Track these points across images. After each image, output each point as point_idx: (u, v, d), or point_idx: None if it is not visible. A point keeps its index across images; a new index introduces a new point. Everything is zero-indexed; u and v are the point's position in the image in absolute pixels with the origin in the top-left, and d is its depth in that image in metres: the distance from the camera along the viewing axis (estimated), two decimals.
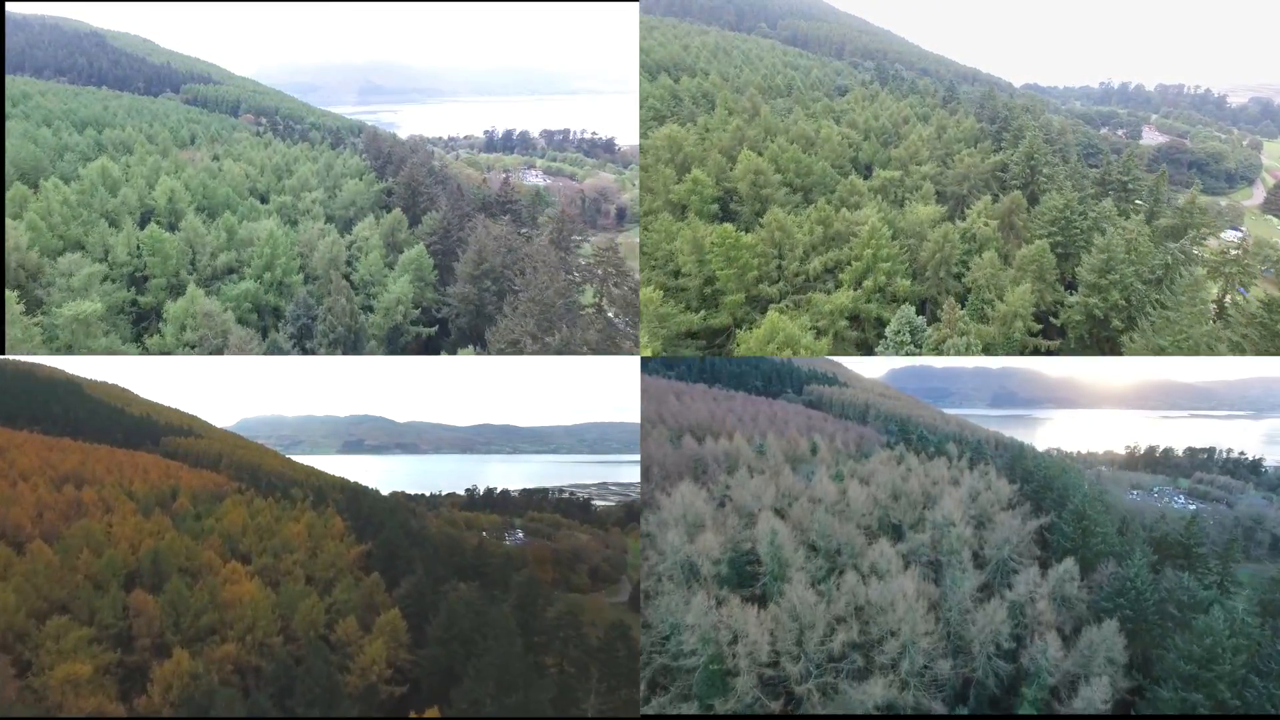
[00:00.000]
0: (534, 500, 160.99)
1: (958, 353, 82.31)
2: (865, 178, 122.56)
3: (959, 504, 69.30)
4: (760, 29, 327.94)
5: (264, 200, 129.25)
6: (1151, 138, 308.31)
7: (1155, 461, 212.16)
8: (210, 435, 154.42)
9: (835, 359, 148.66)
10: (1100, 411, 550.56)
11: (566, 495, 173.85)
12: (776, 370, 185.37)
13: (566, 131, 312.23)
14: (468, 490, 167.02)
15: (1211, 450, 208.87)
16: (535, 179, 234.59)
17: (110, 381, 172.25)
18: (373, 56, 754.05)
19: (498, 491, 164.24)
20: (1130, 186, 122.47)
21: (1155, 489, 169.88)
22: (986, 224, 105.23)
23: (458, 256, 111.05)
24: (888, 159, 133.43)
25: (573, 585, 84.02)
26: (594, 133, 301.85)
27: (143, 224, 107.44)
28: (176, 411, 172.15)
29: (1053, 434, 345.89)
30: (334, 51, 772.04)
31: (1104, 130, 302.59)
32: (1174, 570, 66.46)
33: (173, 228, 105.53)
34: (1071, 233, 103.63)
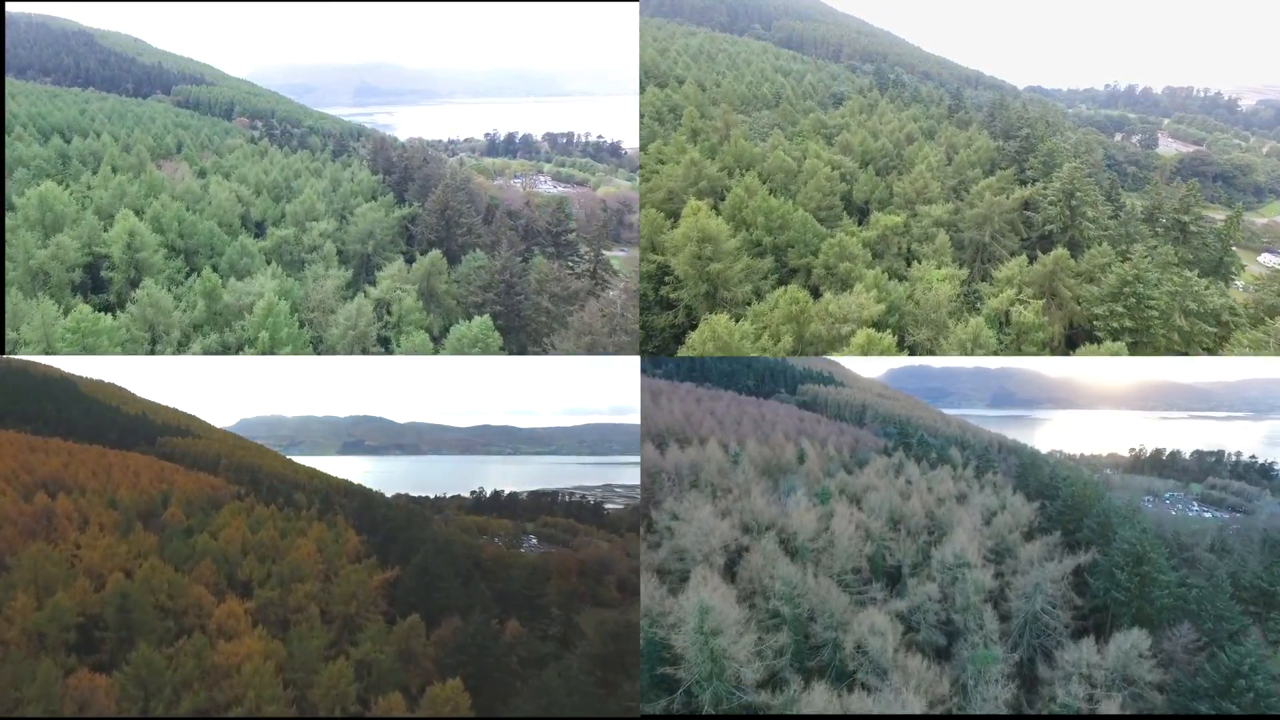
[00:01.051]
0: (543, 503, 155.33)
1: None
2: (860, 222, 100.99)
3: (973, 534, 56.96)
4: (754, 30, 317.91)
5: (259, 232, 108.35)
6: (1167, 146, 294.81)
7: (1162, 464, 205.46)
8: (209, 435, 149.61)
9: (834, 358, 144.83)
10: (1099, 412, 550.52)
11: (577, 498, 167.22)
12: (770, 369, 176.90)
13: (570, 135, 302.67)
14: (473, 493, 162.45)
15: (1219, 454, 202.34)
16: (545, 186, 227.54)
17: (108, 380, 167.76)
18: (367, 57, 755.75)
19: (505, 495, 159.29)
20: (1191, 228, 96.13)
21: (1167, 495, 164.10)
22: (1024, 304, 76.60)
23: (526, 318, 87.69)
24: (889, 195, 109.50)
25: (600, 599, 73.81)
26: (600, 136, 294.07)
27: (93, 281, 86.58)
28: (174, 411, 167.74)
29: (1053, 435, 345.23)
30: (329, 52, 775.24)
31: (1118, 137, 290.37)
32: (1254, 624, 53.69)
33: (134, 285, 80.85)
34: (1145, 314, 74.96)
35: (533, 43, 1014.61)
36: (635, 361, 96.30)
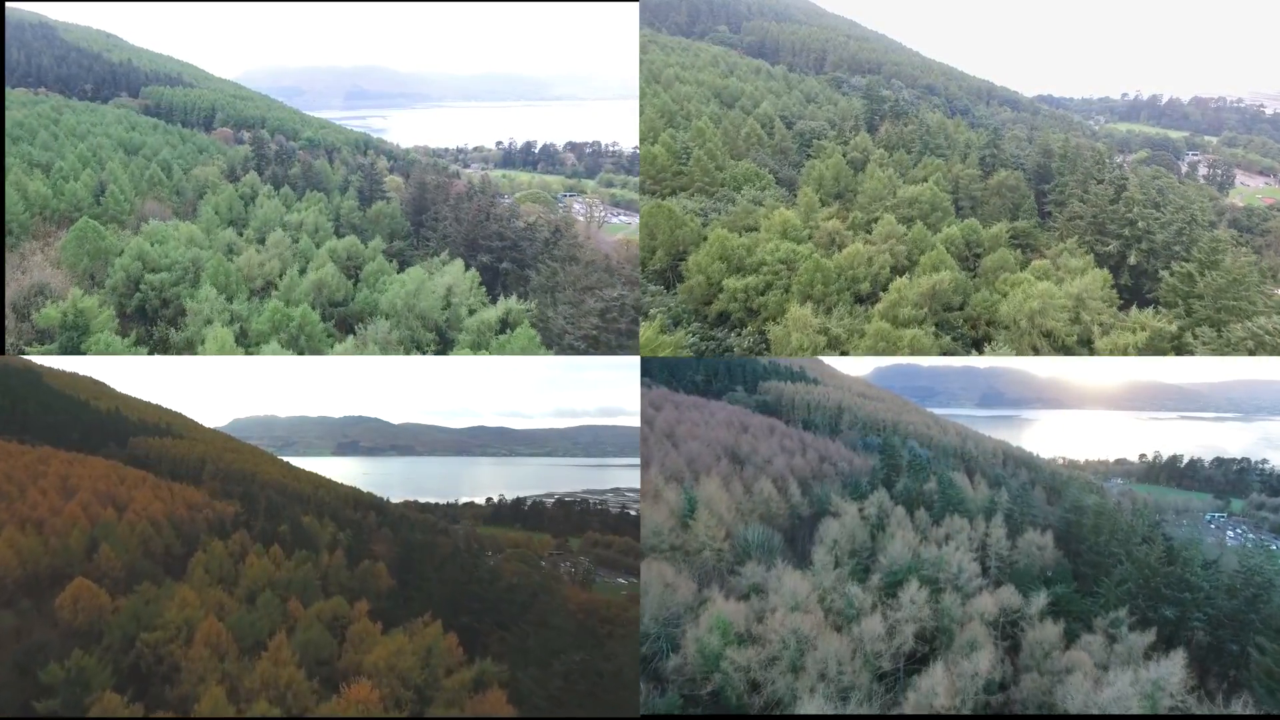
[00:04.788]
0: (573, 514, 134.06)
1: None
2: None
3: None
4: (718, 33, 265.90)
5: None
6: (1245, 183, 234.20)
7: (1180, 473, 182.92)
8: (195, 436, 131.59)
9: (822, 359, 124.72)
10: (1089, 412, 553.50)
11: (616, 510, 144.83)
12: (727, 364, 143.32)
13: (596, 144, 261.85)
14: (489, 500, 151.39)
15: (1244, 462, 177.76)
16: (606, 215, 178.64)
17: (83, 373, 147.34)
18: (358, 60, 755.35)
19: (527, 503, 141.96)
20: None
21: (1209, 516, 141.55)
22: None
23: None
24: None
25: None
26: (635, 148, 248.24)
27: None
28: (156, 408, 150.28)
29: (1049, 438, 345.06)
30: (318, 54, 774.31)
31: (1183, 166, 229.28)
32: None
33: None
34: None
35: (526, 46, 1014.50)
36: (635, 361, 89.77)
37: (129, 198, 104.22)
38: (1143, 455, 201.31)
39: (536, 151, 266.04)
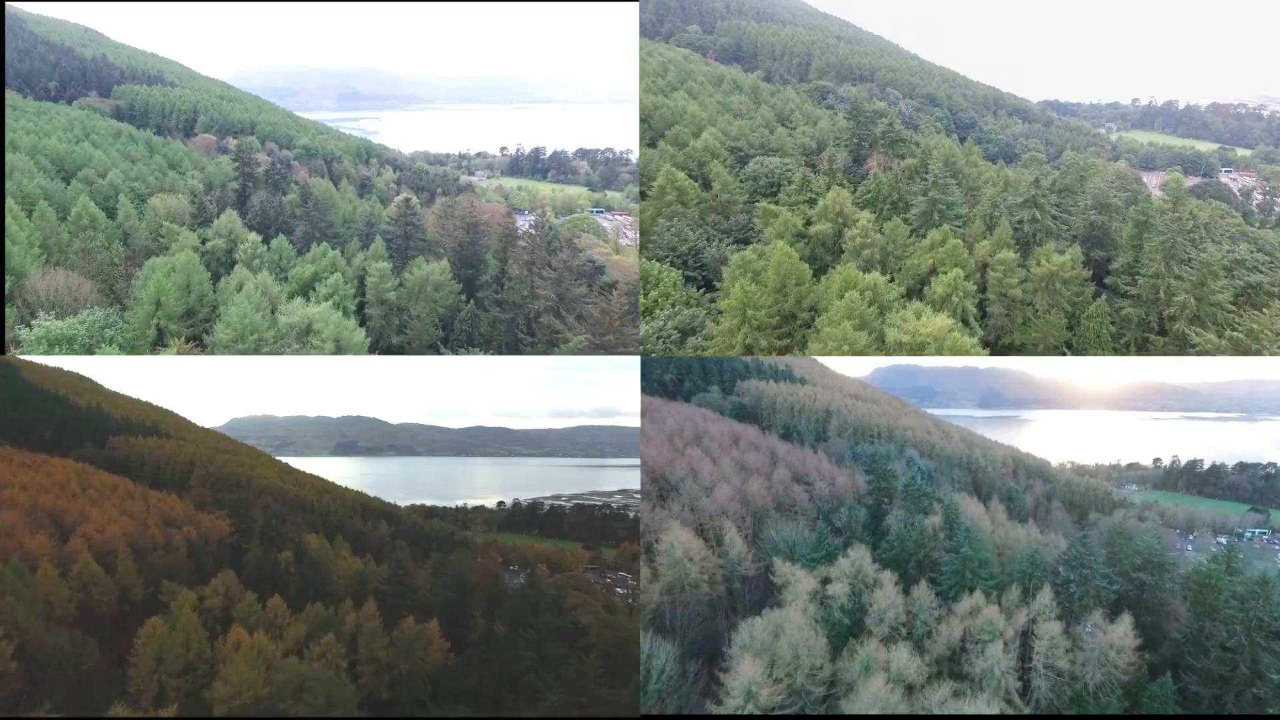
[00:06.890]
0: (594, 520, 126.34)
1: None
2: None
3: None
4: (686, 34, 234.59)
5: None
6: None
7: (1201, 479, 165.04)
8: (185, 435, 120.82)
9: (816, 357, 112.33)
10: (1091, 413, 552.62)
11: (634, 512, 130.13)
12: (702, 362, 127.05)
13: (610, 151, 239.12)
14: (500, 504, 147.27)
15: (1270, 467, 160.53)
16: None
17: (68, 369, 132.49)
18: (350, 61, 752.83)
19: (545, 507, 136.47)
20: None
21: (1248, 534, 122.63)
22: None
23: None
24: None
25: None
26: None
27: None
28: (144, 405, 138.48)
29: (1052, 439, 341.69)
30: (312, 55, 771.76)
31: (1230, 184, 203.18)
32: None
33: None
34: None
35: (519, 48, 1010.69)
36: (634, 361, 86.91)
37: (20, 263, 66.36)
38: (1157, 459, 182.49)
39: (546, 158, 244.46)
